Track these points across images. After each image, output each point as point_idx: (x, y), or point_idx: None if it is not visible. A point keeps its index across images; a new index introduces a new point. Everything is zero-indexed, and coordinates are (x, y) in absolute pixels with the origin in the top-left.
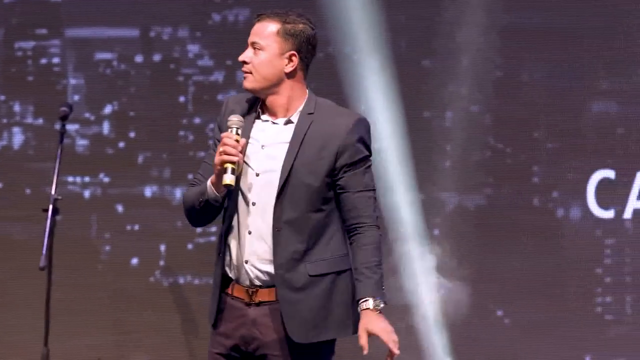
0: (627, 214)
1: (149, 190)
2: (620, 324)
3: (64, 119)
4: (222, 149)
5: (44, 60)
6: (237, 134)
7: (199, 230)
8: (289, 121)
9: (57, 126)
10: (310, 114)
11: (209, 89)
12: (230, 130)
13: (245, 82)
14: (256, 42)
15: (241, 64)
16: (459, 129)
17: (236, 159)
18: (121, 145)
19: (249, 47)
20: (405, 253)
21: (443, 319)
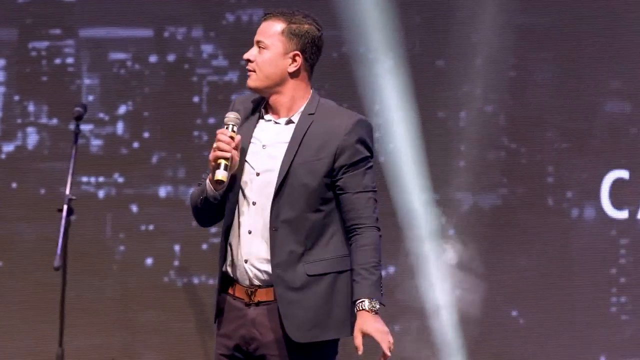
0: None
1: (163, 190)
2: (636, 324)
3: (79, 119)
4: (216, 145)
5: (58, 61)
6: (233, 131)
7: (213, 230)
8: (289, 121)
9: (72, 126)
10: (311, 114)
11: (223, 89)
12: (225, 127)
13: (249, 81)
14: (261, 41)
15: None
16: (474, 129)
17: (229, 155)
18: (135, 145)
19: (254, 46)
20: (420, 253)
21: (458, 319)
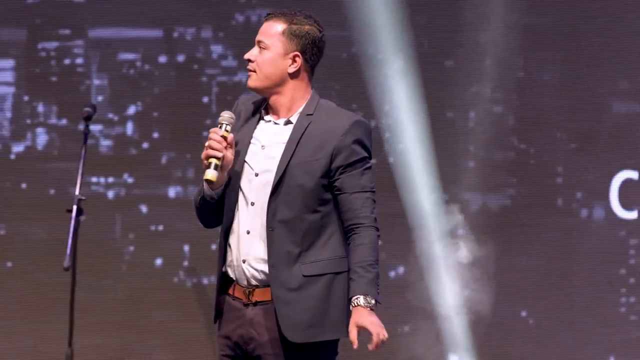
0: None
1: (172, 191)
2: None
3: (88, 119)
4: (208, 144)
5: (67, 61)
6: (226, 131)
7: None
8: (288, 121)
9: (81, 127)
10: (310, 114)
11: (233, 89)
12: (219, 126)
13: (249, 81)
14: (261, 41)
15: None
16: (483, 129)
17: (220, 154)
18: (145, 145)
19: (255, 46)
20: (430, 253)
21: (467, 320)
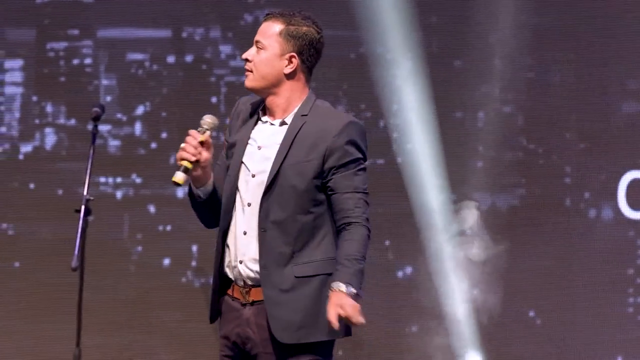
0: None
1: (180, 191)
2: None
3: (96, 119)
4: (182, 146)
5: (76, 61)
6: (205, 134)
7: None
8: (283, 122)
9: (89, 127)
10: (304, 115)
11: (241, 89)
12: (199, 130)
13: (245, 81)
14: (259, 41)
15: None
16: (491, 129)
17: (192, 158)
18: (153, 145)
19: (253, 46)
20: (438, 253)
21: (475, 320)
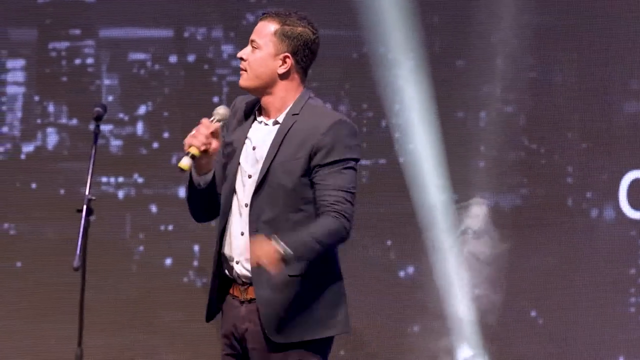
0: None
1: (182, 191)
2: None
3: (98, 119)
4: (194, 133)
5: (78, 61)
6: (217, 124)
7: None
8: (276, 122)
9: (91, 127)
10: (296, 114)
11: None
12: (211, 119)
13: (240, 80)
14: (254, 41)
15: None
16: (493, 129)
17: (203, 147)
18: (155, 145)
19: (248, 45)
20: (439, 253)
21: (477, 319)
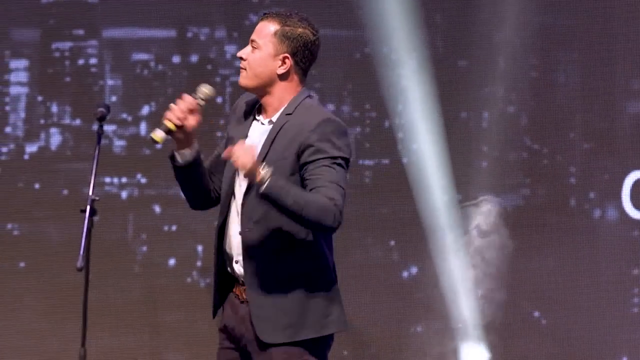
0: None
1: None
2: None
3: (102, 119)
4: (172, 107)
5: (81, 61)
6: (199, 105)
7: None
8: (271, 121)
9: (95, 127)
10: (289, 114)
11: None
12: (193, 95)
13: (239, 79)
14: (254, 41)
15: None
16: (496, 129)
17: (178, 122)
18: (158, 146)
19: (249, 44)
20: (443, 253)
21: (480, 320)
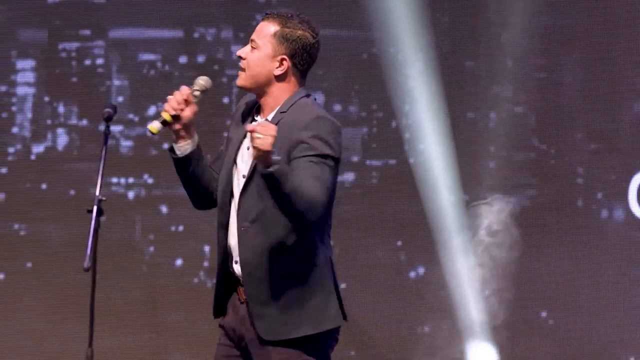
0: None
1: None
2: None
3: (108, 120)
4: (168, 98)
5: (87, 62)
6: (194, 95)
7: None
8: (267, 120)
9: (101, 127)
10: (283, 112)
11: None
12: (192, 87)
13: (237, 79)
14: (254, 41)
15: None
16: (503, 130)
17: (173, 112)
18: (165, 146)
19: (248, 44)
20: (450, 254)
21: (487, 320)
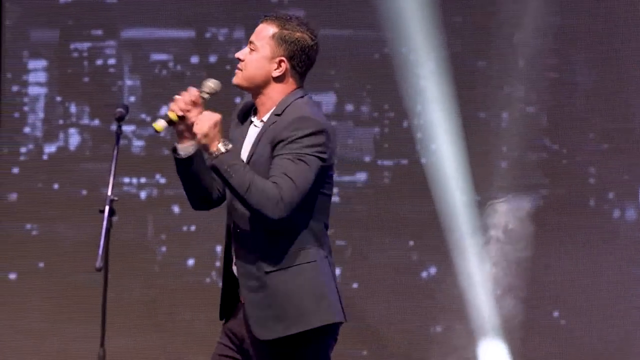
0: None
1: None
2: None
3: (120, 120)
4: (176, 98)
5: (99, 62)
6: (202, 97)
7: None
8: (262, 122)
9: (113, 127)
10: (277, 115)
11: None
12: (199, 89)
13: (234, 78)
14: (252, 42)
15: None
16: (515, 130)
17: (180, 112)
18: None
19: (247, 45)
20: (462, 254)
21: (499, 320)
